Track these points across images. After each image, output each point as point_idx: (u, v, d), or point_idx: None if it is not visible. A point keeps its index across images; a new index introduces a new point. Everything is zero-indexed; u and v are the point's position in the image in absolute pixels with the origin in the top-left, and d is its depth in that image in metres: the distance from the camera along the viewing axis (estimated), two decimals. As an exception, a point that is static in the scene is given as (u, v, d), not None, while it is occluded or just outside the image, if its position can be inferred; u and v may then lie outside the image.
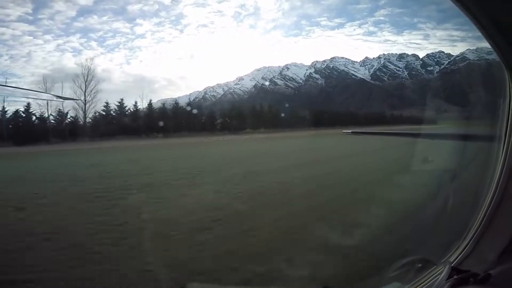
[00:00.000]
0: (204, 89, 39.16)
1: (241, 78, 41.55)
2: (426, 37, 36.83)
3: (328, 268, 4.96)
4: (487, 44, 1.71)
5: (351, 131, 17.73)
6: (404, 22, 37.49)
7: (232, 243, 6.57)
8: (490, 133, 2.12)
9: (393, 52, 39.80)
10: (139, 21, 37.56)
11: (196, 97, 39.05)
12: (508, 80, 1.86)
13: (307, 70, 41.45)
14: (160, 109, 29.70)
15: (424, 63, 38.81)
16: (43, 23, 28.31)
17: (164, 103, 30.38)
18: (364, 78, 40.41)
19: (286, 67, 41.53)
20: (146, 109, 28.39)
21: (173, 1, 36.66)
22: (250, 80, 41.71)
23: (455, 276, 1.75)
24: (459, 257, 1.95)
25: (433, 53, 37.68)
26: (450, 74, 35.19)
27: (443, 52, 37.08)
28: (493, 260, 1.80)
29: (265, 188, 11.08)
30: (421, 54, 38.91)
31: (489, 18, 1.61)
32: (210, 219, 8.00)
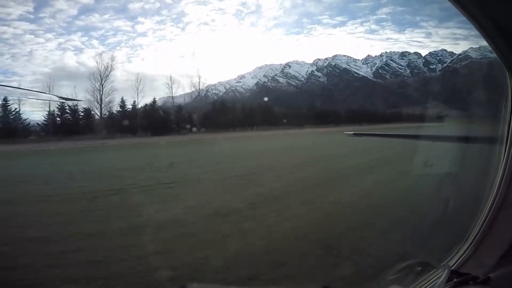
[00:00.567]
0: (206, 87, 39.16)
1: (242, 76, 41.55)
2: (428, 35, 36.63)
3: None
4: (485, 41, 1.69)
5: (352, 133, 17.68)
6: (406, 20, 37.36)
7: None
8: (492, 135, 2.10)
9: (395, 50, 39.67)
10: (140, 19, 37.71)
11: (198, 95, 39.06)
12: (510, 82, 1.85)
13: (309, 68, 41.35)
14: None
15: (426, 61, 38.60)
16: (45, 22, 28.45)
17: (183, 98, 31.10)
18: (366, 76, 40.26)
19: (288, 65, 41.45)
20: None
21: (174, -1, 36.64)
22: (252, 78, 41.68)
23: (454, 279, 1.74)
24: (459, 261, 1.94)
25: (435, 51, 37.54)
26: (452, 73, 35.02)
27: (445, 50, 36.93)
28: (493, 264, 1.79)
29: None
30: (423, 52, 38.78)
31: (489, 19, 1.60)
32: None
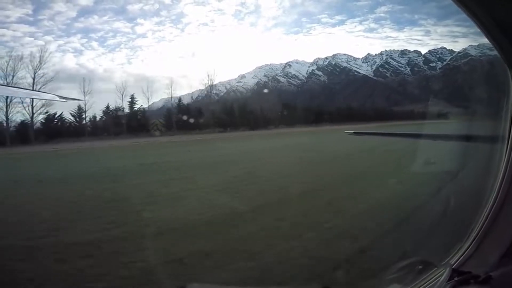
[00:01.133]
0: (207, 87, 39.15)
1: (243, 76, 41.52)
2: (427, 33, 36.75)
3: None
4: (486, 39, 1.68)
5: (353, 131, 17.67)
6: (405, 18, 37.41)
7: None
8: (493, 133, 2.09)
9: (395, 48, 39.62)
10: (139, 20, 37.79)
11: (198, 96, 39.05)
12: (511, 79, 1.83)
13: (309, 67, 41.31)
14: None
15: (426, 59, 38.53)
16: (44, 24, 28.38)
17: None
18: (367, 74, 40.19)
19: (288, 65, 41.40)
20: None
21: (173, 0, 36.62)
22: (252, 78, 41.66)
23: (455, 278, 1.73)
24: (460, 259, 1.93)
25: (435, 49, 37.48)
26: (452, 71, 34.96)
27: (445, 48, 36.86)
28: (494, 262, 1.78)
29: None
30: (422, 50, 38.74)
31: (489, 16, 1.58)
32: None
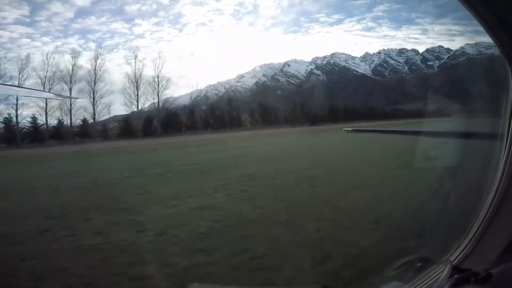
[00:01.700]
0: (205, 87, 39.06)
1: (242, 76, 41.36)
2: (425, 31, 36.67)
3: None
4: (486, 39, 1.67)
5: (351, 129, 17.63)
6: (403, 17, 37.43)
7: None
8: (492, 130, 2.08)
9: (392, 47, 39.65)
10: (137, 21, 37.45)
11: (197, 96, 38.94)
12: (511, 76, 1.82)
13: (308, 66, 41.24)
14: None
15: (424, 58, 38.61)
16: (41, 25, 28.18)
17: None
18: (365, 73, 40.22)
19: (287, 64, 41.32)
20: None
21: (171, 0, 36.53)
22: (251, 77, 41.52)
23: (455, 275, 1.73)
24: (460, 256, 1.93)
25: (432, 47, 37.53)
26: (450, 69, 35.03)
27: (442, 46, 36.93)
28: (495, 259, 1.77)
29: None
30: (420, 48, 38.82)
31: (491, 12, 1.57)
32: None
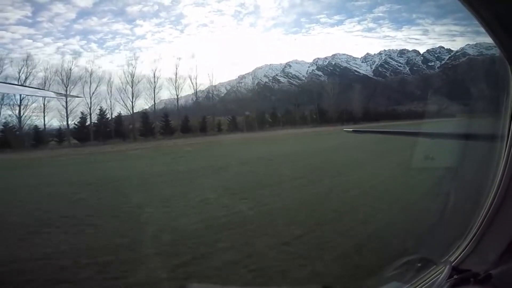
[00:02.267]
0: (207, 88, 39.06)
1: (243, 77, 41.41)
2: (425, 32, 36.78)
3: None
4: (487, 39, 1.66)
5: (352, 129, 17.62)
6: (403, 18, 37.53)
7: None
8: (493, 131, 2.07)
9: (393, 48, 39.71)
10: (139, 22, 37.62)
11: (199, 97, 38.94)
12: (511, 76, 1.81)
13: (309, 67, 41.27)
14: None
15: (425, 58, 38.60)
16: (43, 26, 28.27)
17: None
18: (366, 74, 40.20)
19: (288, 65, 41.35)
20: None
21: (173, 1, 36.68)
22: (253, 78, 41.55)
23: (455, 276, 1.72)
24: (459, 257, 1.92)
25: (433, 48, 37.55)
26: (451, 69, 35.00)
27: (443, 47, 36.91)
28: (495, 260, 1.76)
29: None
30: (421, 49, 38.86)
31: (491, 12, 1.57)
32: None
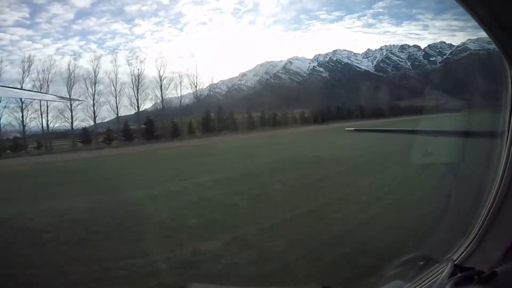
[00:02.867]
0: (208, 86, 39.04)
1: (244, 74, 41.34)
2: (425, 27, 36.53)
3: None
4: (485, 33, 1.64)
5: (354, 128, 17.62)
6: (403, 13, 37.43)
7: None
8: (494, 126, 2.05)
9: (394, 43, 39.52)
10: (138, 21, 37.50)
11: (200, 95, 38.91)
12: (510, 74, 1.79)
13: (310, 63, 41.10)
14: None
15: (426, 53, 38.39)
16: (41, 27, 28.30)
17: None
18: (368, 70, 40.03)
19: (289, 62, 41.19)
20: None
21: (171, 0, 36.56)
22: (254, 75, 41.47)
23: (458, 274, 1.70)
24: (463, 255, 1.90)
25: (434, 43, 37.36)
26: (453, 64, 34.81)
27: (444, 42, 36.74)
28: (499, 258, 1.74)
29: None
30: (421, 44, 38.67)
31: (486, 9, 1.55)
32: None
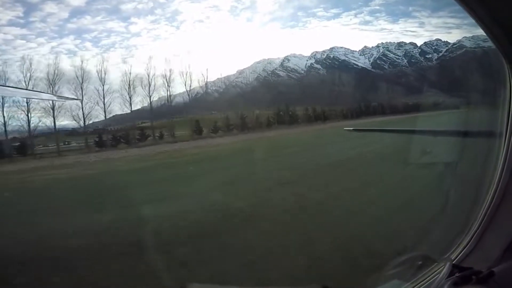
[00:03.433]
0: (205, 84, 38.91)
1: (241, 71, 41.20)
2: (422, 25, 36.57)
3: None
4: (483, 31, 1.63)
5: (352, 128, 17.70)
6: (399, 10, 37.26)
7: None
8: (492, 126, 2.05)
9: (390, 40, 39.54)
10: (134, 19, 37.14)
11: (197, 92, 38.82)
12: (508, 72, 1.78)
13: (307, 61, 41.06)
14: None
15: (422, 51, 38.49)
16: (36, 26, 28.09)
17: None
18: (365, 67, 40.10)
19: (287, 59, 41.14)
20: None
21: (167, -2, 36.31)
22: (251, 72, 41.35)
23: (456, 274, 1.70)
24: (460, 254, 1.89)
25: (430, 40, 37.44)
26: (448, 62, 34.95)
27: (440, 39, 36.84)
28: (497, 257, 1.74)
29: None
30: (418, 41, 38.77)
31: (484, 8, 1.54)
32: None
